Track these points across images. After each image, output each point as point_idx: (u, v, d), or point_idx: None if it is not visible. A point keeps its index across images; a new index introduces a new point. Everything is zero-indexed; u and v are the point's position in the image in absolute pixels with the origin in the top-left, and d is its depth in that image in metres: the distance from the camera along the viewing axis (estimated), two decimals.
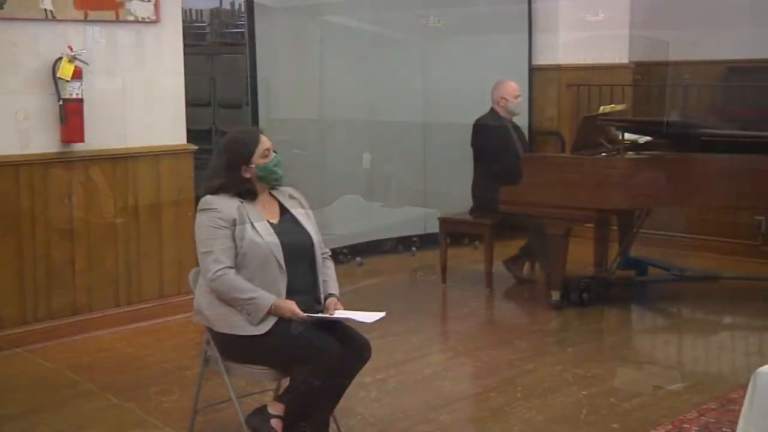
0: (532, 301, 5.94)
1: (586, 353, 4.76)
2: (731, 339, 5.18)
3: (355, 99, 6.90)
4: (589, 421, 3.83)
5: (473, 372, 4.62)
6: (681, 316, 5.66)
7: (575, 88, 7.79)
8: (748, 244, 6.80)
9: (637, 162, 5.57)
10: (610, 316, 5.54)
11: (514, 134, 6.28)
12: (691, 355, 4.96)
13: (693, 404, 3.95)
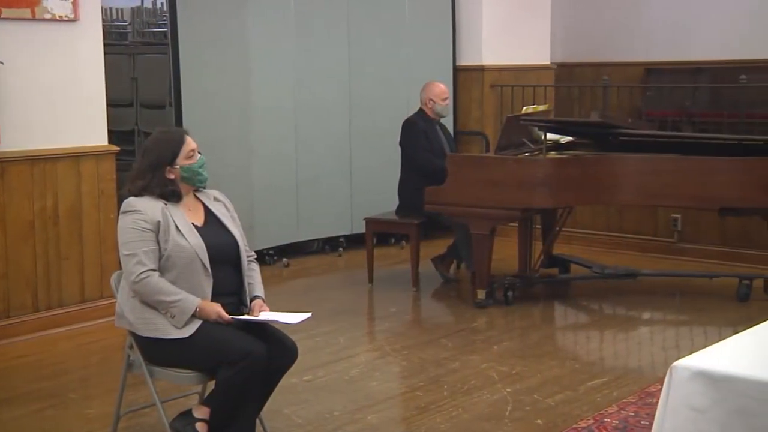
0: (459, 300, 6.00)
1: (511, 351, 4.83)
2: (650, 334, 5.32)
3: (280, 101, 6.87)
4: (513, 417, 3.89)
5: (400, 371, 4.65)
6: (602, 313, 5.79)
7: (499, 88, 7.90)
8: (665, 241, 6.99)
9: (560, 161, 5.67)
10: (535, 314, 5.63)
11: (441, 134, 6.34)
12: (612, 351, 5.08)
13: (613, 399, 4.05)
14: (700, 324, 5.37)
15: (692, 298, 5.84)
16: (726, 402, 2.24)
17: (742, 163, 5.46)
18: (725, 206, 5.61)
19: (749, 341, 2.53)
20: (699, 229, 6.82)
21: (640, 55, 10.18)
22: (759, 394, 2.20)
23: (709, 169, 5.47)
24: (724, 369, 2.29)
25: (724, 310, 5.53)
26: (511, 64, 8.02)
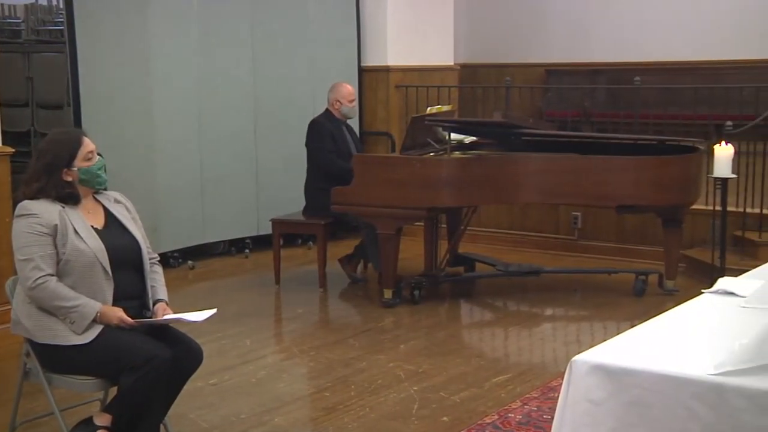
0: (366, 299, 6.02)
1: (418, 349, 4.87)
2: (552, 330, 5.44)
3: (183, 99, 6.77)
4: (420, 415, 3.93)
5: (307, 372, 4.63)
6: (506, 310, 5.89)
7: (404, 89, 7.96)
8: (566, 239, 7.16)
9: (464, 161, 5.75)
10: (441, 313, 5.69)
11: (348, 135, 6.34)
12: (516, 347, 5.17)
13: (517, 394, 4.13)
14: (600, 319, 5.52)
15: (592, 293, 6.00)
16: (622, 394, 2.31)
17: (637, 162, 5.64)
18: (622, 204, 5.78)
19: (644, 334, 2.61)
20: (598, 227, 7.01)
21: (541, 56, 10.42)
22: (653, 386, 2.27)
23: (607, 168, 5.62)
24: (620, 362, 2.36)
25: (622, 304, 5.69)
26: (415, 65, 8.08)
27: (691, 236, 6.35)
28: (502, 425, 3.74)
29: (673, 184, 5.66)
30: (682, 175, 5.70)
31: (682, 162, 5.72)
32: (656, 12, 9.96)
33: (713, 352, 2.33)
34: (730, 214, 5.81)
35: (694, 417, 2.22)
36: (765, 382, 2.17)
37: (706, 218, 5.99)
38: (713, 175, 5.46)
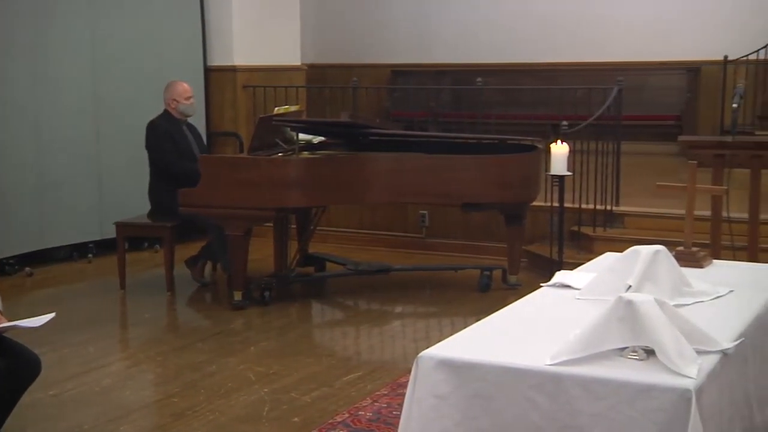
0: (215, 302, 5.93)
1: (269, 351, 4.85)
2: (402, 327, 5.53)
3: (17, 102, 6.47)
4: (271, 417, 3.91)
5: (154, 379, 4.52)
6: (357, 308, 5.94)
7: (251, 89, 7.89)
8: (415, 237, 7.29)
9: (312, 161, 5.76)
10: (292, 313, 5.68)
11: (189, 135, 6.23)
12: (367, 345, 5.23)
13: (368, 392, 4.17)
14: (448, 315, 5.65)
15: (440, 290, 6.13)
16: (466, 387, 2.38)
17: (481, 161, 5.81)
18: (467, 202, 5.94)
19: (486, 329, 2.70)
20: (445, 224, 7.17)
21: (387, 57, 10.58)
22: (494, 378, 2.35)
23: (452, 167, 5.76)
24: (463, 357, 2.42)
25: (468, 300, 5.85)
26: (262, 65, 8.03)
27: (532, 232, 6.59)
28: (352, 423, 3.77)
29: (515, 182, 5.86)
30: (523, 173, 5.91)
31: (523, 160, 5.93)
32: (498, 15, 10.30)
33: (550, 343, 2.43)
34: (567, 210, 6.07)
35: (533, 406, 2.31)
36: (597, 370, 2.28)
37: (546, 214, 6.23)
38: (551, 172, 5.69)
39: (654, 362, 2.30)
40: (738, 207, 4.61)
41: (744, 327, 2.65)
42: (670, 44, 9.49)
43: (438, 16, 10.54)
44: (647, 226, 6.36)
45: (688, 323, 2.44)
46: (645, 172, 7.36)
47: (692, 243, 3.38)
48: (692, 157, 4.12)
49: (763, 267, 3.45)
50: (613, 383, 2.24)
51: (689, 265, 3.25)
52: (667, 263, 2.96)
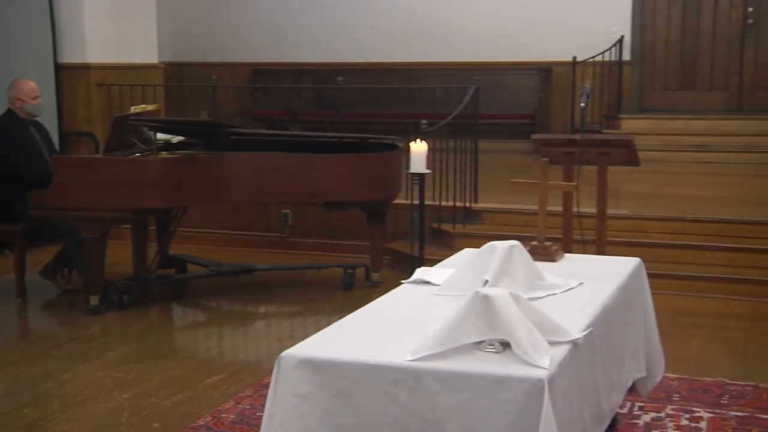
0: (71, 307, 5.72)
1: (128, 356, 4.72)
2: (266, 327, 5.50)
3: None
4: (130, 423, 3.81)
5: (4, 389, 4.31)
6: (220, 310, 5.87)
7: (106, 87, 7.66)
8: (277, 236, 7.26)
9: (171, 161, 5.64)
10: (152, 316, 5.55)
11: (37, 135, 5.97)
12: (230, 346, 5.17)
13: (231, 393, 4.12)
14: (312, 314, 5.65)
15: (304, 289, 6.13)
16: (327, 386, 2.39)
17: (342, 160, 5.84)
18: (329, 201, 5.96)
19: (348, 326, 2.71)
20: (308, 224, 7.17)
21: (248, 56, 10.47)
22: (355, 376, 2.37)
23: (313, 166, 5.77)
24: (324, 355, 2.43)
25: (332, 298, 5.87)
26: (118, 63, 7.81)
27: (394, 230, 6.68)
28: (215, 426, 3.72)
29: (376, 181, 5.92)
30: (384, 172, 5.98)
31: (384, 159, 6.00)
32: (358, 14, 10.37)
33: (411, 340, 2.47)
34: (428, 207, 6.17)
35: (395, 402, 2.34)
36: (456, 365, 2.34)
37: (407, 212, 6.32)
38: (411, 171, 5.77)
39: (509, 354, 2.37)
40: (587, 202, 4.80)
41: (592, 317, 2.76)
42: (524, 45, 9.80)
43: (299, 14, 10.52)
44: (504, 222, 6.54)
45: (541, 315, 2.52)
46: (502, 170, 7.58)
47: (545, 238, 3.50)
48: (544, 154, 4.27)
49: (611, 260, 3.61)
50: (471, 376, 2.29)
51: (542, 259, 3.36)
52: (522, 258, 3.05)
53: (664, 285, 5.21)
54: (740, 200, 6.87)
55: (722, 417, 3.79)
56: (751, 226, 6.05)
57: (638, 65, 9.67)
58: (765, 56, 9.31)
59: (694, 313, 5.41)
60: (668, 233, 6.09)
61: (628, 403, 3.83)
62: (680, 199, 6.99)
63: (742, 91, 9.40)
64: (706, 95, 9.50)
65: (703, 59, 9.51)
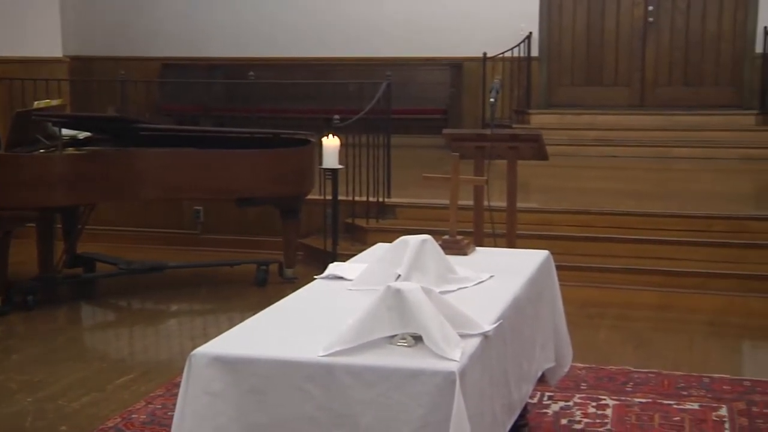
0: None
1: (33, 358, 4.59)
2: (179, 325, 5.42)
3: None
4: (36, 427, 3.71)
5: None
6: (131, 309, 5.76)
7: (7, 81, 7.42)
8: (189, 233, 7.15)
9: (77, 157, 5.51)
10: (59, 317, 5.41)
11: None
12: (141, 346, 5.08)
13: (141, 393, 4.05)
14: (226, 311, 5.60)
15: (217, 286, 6.06)
16: (239, 383, 2.37)
17: (255, 156, 5.80)
18: (242, 197, 5.91)
19: (260, 323, 2.69)
20: (220, 220, 7.09)
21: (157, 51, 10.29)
22: (267, 372, 2.36)
23: (225, 162, 5.71)
24: (236, 352, 2.41)
25: (246, 295, 5.82)
26: (19, 56, 7.57)
27: (308, 225, 6.66)
28: (125, 427, 3.65)
29: (289, 176, 5.90)
30: (297, 167, 5.96)
31: (297, 154, 5.98)
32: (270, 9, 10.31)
33: (323, 335, 2.47)
34: (342, 202, 6.18)
35: (308, 398, 2.33)
36: (368, 359, 2.35)
37: (320, 207, 6.31)
38: (323, 166, 5.77)
39: (421, 348, 2.40)
40: (498, 196, 4.88)
41: (503, 310, 2.81)
42: (435, 41, 9.89)
43: (210, 9, 10.39)
44: (417, 216, 6.60)
45: (452, 309, 2.56)
46: (415, 165, 7.63)
47: (457, 232, 3.54)
48: (455, 149, 4.31)
49: (521, 253, 3.67)
50: (383, 370, 2.31)
51: (454, 253, 3.40)
52: (434, 252, 3.09)
53: (572, 277, 5.33)
54: (643, 193, 7.09)
55: (627, 404, 3.90)
56: (653, 218, 6.24)
57: (546, 61, 9.87)
58: (665, 54, 9.62)
59: (601, 303, 5.56)
60: (575, 226, 6.24)
61: (537, 392, 3.91)
62: (587, 192, 7.17)
63: (644, 88, 9.69)
64: (610, 91, 9.76)
65: (608, 56, 9.76)
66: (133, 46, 10.36)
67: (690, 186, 7.45)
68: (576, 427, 3.68)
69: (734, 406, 3.85)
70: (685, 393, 4.02)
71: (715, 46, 9.46)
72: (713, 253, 5.89)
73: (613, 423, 3.71)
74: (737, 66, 9.41)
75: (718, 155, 8.53)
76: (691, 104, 9.34)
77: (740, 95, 9.37)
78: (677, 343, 4.92)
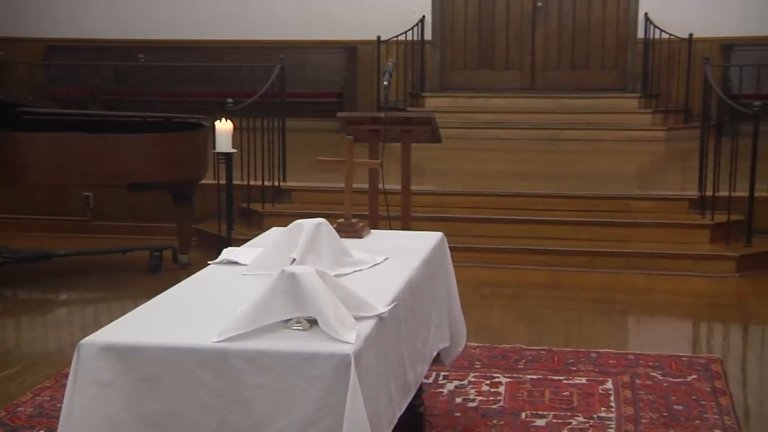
0: None
1: None
2: (68, 314, 5.28)
3: None
4: None
5: None
6: (17, 299, 5.58)
7: None
8: (79, 220, 6.96)
9: None
10: None
11: None
12: (29, 337, 4.93)
13: (28, 386, 3.93)
14: (118, 299, 5.48)
15: (109, 274, 5.93)
16: (131, 372, 2.32)
17: (146, 140, 5.68)
18: (133, 182, 5.78)
19: (152, 310, 2.65)
20: (111, 206, 6.92)
21: (41, 32, 9.93)
22: (159, 360, 2.32)
23: (116, 146, 5.59)
24: (127, 340, 2.37)
25: (139, 282, 5.70)
26: None
27: (202, 210, 6.56)
28: (10, 422, 3.54)
29: (182, 161, 5.80)
30: (190, 152, 5.87)
31: (190, 138, 5.88)
32: None
33: (218, 321, 2.44)
34: (236, 187, 6.11)
35: (201, 384, 2.31)
36: (261, 344, 2.34)
37: (214, 192, 6.23)
38: (217, 150, 5.69)
39: (317, 331, 2.40)
40: (393, 179, 4.92)
41: (398, 292, 2.83)
42: (329, 24, 9.86)
43: None
44: (313, 200, 6.59)
45: (347, 291, 2.57)
46: (310, 148, 7.62)
47: (352, 215, 3.55)
48: (350, 132, 4.32)
49: (415, 235, 3.71)
50: (278, 354, 2.30)
51: (349, 236, 3.41)
52: (329, 235, 3.09)
53: (466, 257, 5.43)
54: (533, 175, 7.26)
55: (519, 381, 4.01)
56: (543, 199, 6.40)
57: (439, 45, 9.97)
58: (553, 38, 9.84)
59: (494, 283, 5.68)
60: (469, 207, 6.35)
61: (433, 372, 3.97)
62: (480, 174, 7.29)
63: (534, 71, 9.90)
64: (502, 74, 9.93)
65: (499, 40, 9.93)
66: (16, 27, 9.96)
67: (577, 167, 7.67)
68: (470, 405, 3.76)
69: (619, 379, 4.00)
70: (574, 368, 4.15)
71: (601, 31, 9.74)
72: (599, 233, 6.09)
73: (506, 400, 3.80)
74: (621, 51, 9.71)
75: (604, 137, 8.80)
76: (578, 87, 9.60)
77: (624, 79, 9.69)
78: (567, 321, 5.08)
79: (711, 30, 9.04)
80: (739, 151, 6.02)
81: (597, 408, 3.70)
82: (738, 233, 6.01)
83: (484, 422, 3.59)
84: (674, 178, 7.21)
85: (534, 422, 3.58)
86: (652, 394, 3.84)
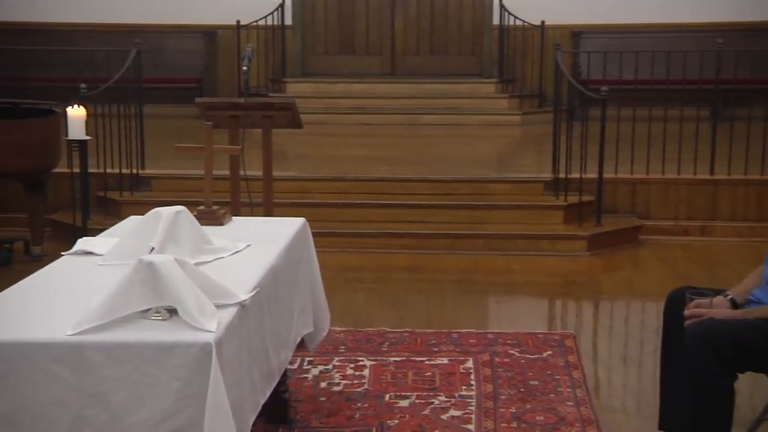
0: None
1: None
2: None
3: None
4: None
5: None
6: None
7: None
8: None
9: None
10: None
11: None
12: None
13: None
14: None
15: None
16: None
17: None
18: None
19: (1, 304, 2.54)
20: None
21: None
22: (9, 356, 2.20)
23: None
24: None
25: None
26: None
27: (56, 200, 6.32)
28: None
29: (33, 149, 5.58)
30: (41, 139, 5.65)
31: (40, 125, 5.67)
32: None
33: (72, 313, 2.37)
34: (92, 175, 5.93)
35: (55, 379, 2.24)
36: (120, 335, 2.29)
37: (69, 181, 6.00)
38: (69, 137, 5.50)
39: (177, 321, 2.36)
40: (254, 165, 4.88)
41: (260, 278, 2.82)
42: (187, 8, 9.65)
43: None
44: (173, 187, 6.46)
45: (208, 279, 2.54)
46: (169, 135, 7.44)
47: (213, 202, 3.50)
48: (209, 118, 4.26)
49: (277, 221, 3.70)
50: (136, 346, 2.26)
51: (210, 223, 3.36)
52: (188, 223, 3.04)
53: (329, 243, 5.45)
54: (395, 159, 7.35)
55: (383, 363, 4.07)
56: (405, 183, 6.50)
57: (300, 30, 9.92)
58: (412, 24, 9.95)
59: (358, 267, 5.73)
60: (331, 193, 6.37)
61: (297, 358, 3.98)
62: (342, 159, 7.32)
63: (394, 56, 9.99)
64: (363, 60, 9.98)
65: (360, 25, 9.97)
66: None
67: (437, 151, 7.81)
68: (335, 389, 3.79)
69: (479, 358, 4.12)
70: (436, 349, 4.25)
71: (458, 16, 9.91)
72: (459, 215, 6.24)
73: (371, 382, 3.85)
74: (478, 36, 9.92)
75: (462, 121, 8.98)
76: (437, 72, 9.75)
77: (481, 64, 9.91)
78: (429, 303, 5.18)
79: (562, 17, 9.36)
80: (589, 134, 6.28)
81: (458, 387, 3.80)
82: (589, 213, 6.28)
83: (349, 405, 3.63)
84: (530, 161, 7.44)
85: (397, 403, 3.64)
86: (510, 371, 3.98)
